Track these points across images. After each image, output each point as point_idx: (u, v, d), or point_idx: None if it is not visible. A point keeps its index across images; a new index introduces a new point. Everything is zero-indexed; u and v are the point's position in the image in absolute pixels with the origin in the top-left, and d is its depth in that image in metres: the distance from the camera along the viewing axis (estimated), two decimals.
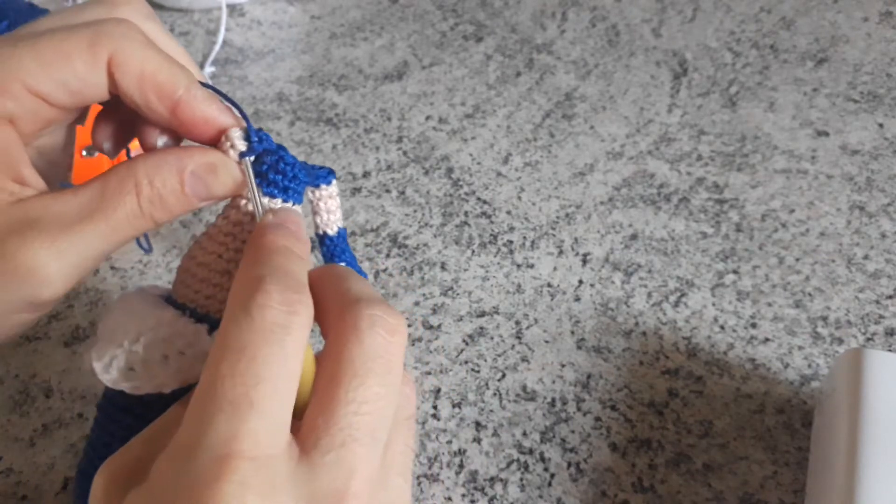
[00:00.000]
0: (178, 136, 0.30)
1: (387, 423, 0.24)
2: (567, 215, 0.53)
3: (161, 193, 0.27)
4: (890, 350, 0.46)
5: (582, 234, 0.52)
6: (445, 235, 0.52)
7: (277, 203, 0.29)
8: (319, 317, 0.25)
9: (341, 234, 0.32)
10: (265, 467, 0.21)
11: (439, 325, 0.47)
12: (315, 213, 0.32)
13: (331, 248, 0.32)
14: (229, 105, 0.30)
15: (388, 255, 0.51)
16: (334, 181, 0.31)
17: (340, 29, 0.68)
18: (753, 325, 0.47)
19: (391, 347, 0.24)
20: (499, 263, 0.50)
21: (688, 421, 0.43)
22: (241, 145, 0.29)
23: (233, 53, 0.65)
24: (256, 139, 0.29)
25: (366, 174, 0.56)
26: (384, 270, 0.50)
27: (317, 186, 0.31)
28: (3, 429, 0.42)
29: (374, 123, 0.59)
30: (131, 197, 0.27)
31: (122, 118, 0.31)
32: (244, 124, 0.29)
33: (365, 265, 0.50)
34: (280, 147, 0.30)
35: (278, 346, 0.22)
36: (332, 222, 0.32)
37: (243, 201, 0.29)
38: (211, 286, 0.30)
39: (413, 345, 0.46)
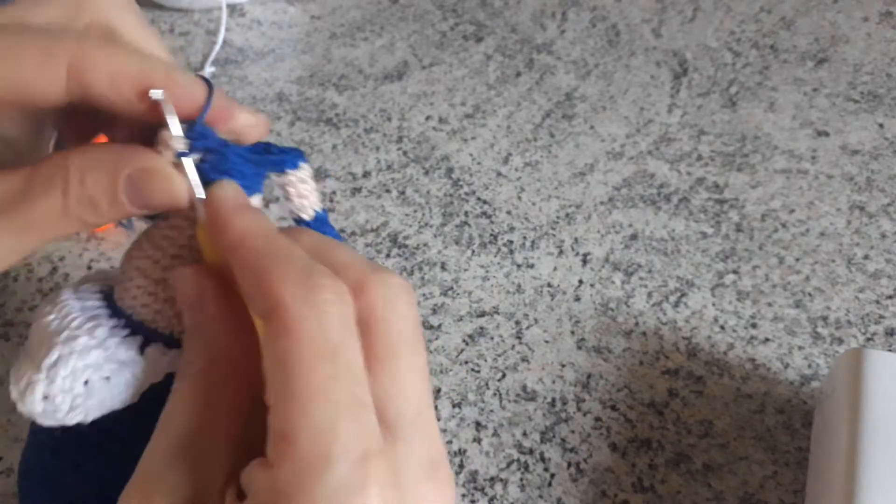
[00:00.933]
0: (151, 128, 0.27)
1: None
2: (567, 215, 0.53)
3: (92, 195, 0.25)
4: (890, 350, 0.46)
5: (582, 234, 0.52)
6: (445, 235, 0.52)
7: None
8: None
9: (319, 217, 0.30)
10: (387, 458, 0.22)
11: (439, 325, 0.47)
12: (286, 198, 0.29)
13: None
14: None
15: (388, 255, 0.51)
16: (303, 164, 0.28)
17: (340, 29, 0.68)
18: (753, 325, 0.47)
19: (417, 312, 0.25)
20: (499, 263, 0.50)
21: (688, 421, 0.43)
22: (178, 145, 0.25)
23: (233, 53, 0.65)
24: (198, 137, 0.26)
25: (366, 174, 0.56)
26: None
27: (282, 172, 0.28)
28: (2, 429, 0.42)
29: (374, 123, 0.59)
30: (57, 193, 0.24)
31: (84, 116, 0.29)
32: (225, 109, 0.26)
33: None
34: (225, 144, 0.27)
35: (353, 339, 0.22)
36: (307, 206, 0.29)
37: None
38: (146, 294, 0.27)
39: None
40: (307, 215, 0.29)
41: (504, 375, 0.45)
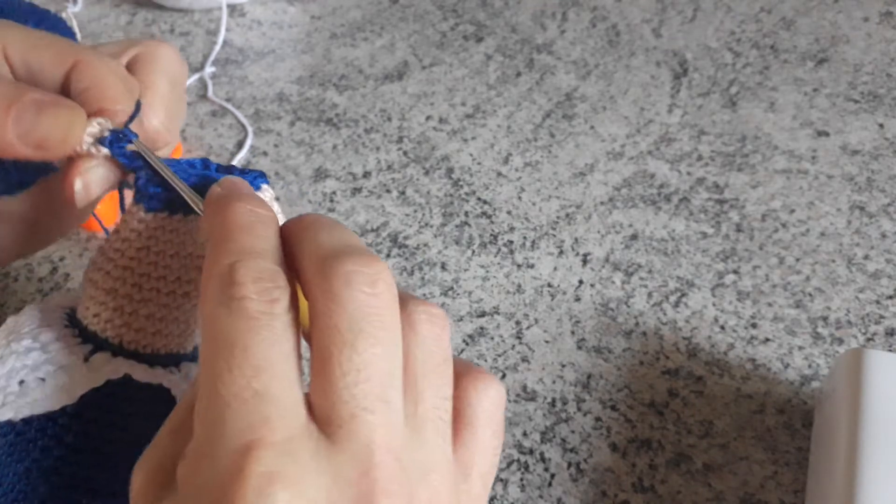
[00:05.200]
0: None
1: (395, 381, 0.23)
2: (567, 215, 0.53)
3: None
4: (890, 350, 0.46)
5: (582, 234, 0.52)
6: (445, 235, 0.52)
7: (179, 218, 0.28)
8: (299, 279, 0.24)
9: None
10: (286, 450, 0.21)
11: None
12: None
13: None
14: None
15: (388, 255, 0.51)
16: (264, 185, 0.28)
17: (341, 29, 0.68)
18: (754, 325, 0.47)
19: (376, 301, 0.22)
20: (499, 263, 0.50)
21: (688, 421, 0.43)
22: (103, 147, 0.27)
23: (233, 53, 0.65)
24: (120, 139, 0.27)
25: (366, 174, 0.56)
26: None
27: None
28: None
29: (374, 123, 0.59)
30: None
31: None
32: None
33: None
34: (159, 160, 0.27)
35: (268, 331, 0.22)
36: None
37: (133, 218, 0.28)
38: (97, 304, 0.28)
39: None
40: None
41: (504, 375, 0.45)
